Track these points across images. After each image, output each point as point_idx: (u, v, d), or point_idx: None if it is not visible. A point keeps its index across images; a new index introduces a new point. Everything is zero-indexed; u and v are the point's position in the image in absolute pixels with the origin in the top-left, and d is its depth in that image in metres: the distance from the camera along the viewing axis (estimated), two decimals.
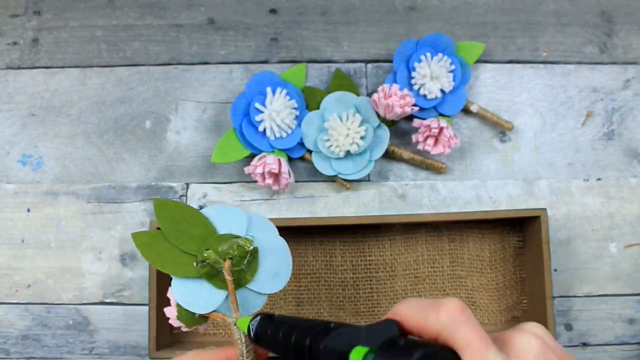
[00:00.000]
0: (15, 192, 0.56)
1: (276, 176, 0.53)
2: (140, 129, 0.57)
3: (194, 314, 0.35)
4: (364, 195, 0.56)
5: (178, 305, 0.35)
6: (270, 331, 0.31)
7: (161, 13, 0.59)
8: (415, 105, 0.54)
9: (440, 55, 0.55)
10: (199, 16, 0.59)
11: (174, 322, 0.36)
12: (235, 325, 0.34)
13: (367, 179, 0.56)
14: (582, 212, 0.56)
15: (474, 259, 0.54)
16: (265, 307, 0.54)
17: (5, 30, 0.59)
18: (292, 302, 0.54)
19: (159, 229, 0.49)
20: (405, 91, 0.52)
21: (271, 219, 0.55)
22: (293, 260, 0.54)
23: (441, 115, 0.56)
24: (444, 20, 0.59)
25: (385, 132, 0.54)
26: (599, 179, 0.56)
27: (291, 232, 0.53)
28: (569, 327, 0.54)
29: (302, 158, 0.56)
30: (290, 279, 0.54)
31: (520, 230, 0.54)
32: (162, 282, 0.50)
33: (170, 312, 0.36)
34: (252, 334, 0.32)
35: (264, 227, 0.38)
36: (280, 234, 0.54)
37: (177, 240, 0.36)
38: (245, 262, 0.35)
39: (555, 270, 0.55)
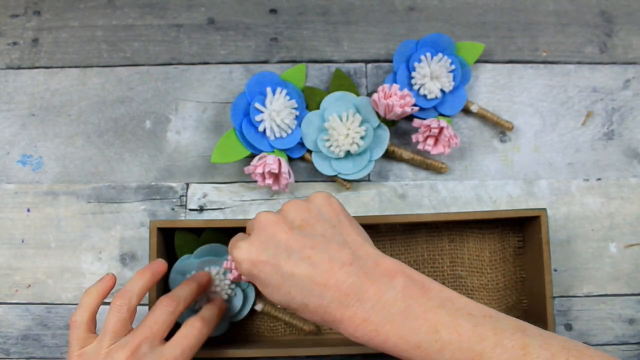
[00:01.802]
0: (15, 192, 0.56)
1: (276, 176, 0.53)
2: (140, 129, 0.57)
3: None
4: (364, 195, 0.56)
5: None
6: None
7: (161, 13, 0.59)
8: (415, 105, 0.54)
9: (440, 55, 0.55)
10: (199, 16, 0.59)
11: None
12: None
13: (367, 179, 0.56)
14: (582, 212, 0.56)
15: (474, 259, 0.54)
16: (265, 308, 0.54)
17: (5, 30, 0.59)
18: None
19: (159, 229, 0.49)
20: (405, 91, 0.52)
21: None
22: None
23: (441, 115, 0.56)
24: (444, 20, 0.59)
25: (385, 132, 0.54)
26: (599, 179, 0.56)
27: None
28: (569, 327, 0.55)
29: (302, 158, 0.56)
30: None
31: (520, 230, 0.54)
32: (162, 282, 0.50)
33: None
34: None
35: None
36: None
37: None
38: None
39: (555, 270, 0.55)
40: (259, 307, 0.52)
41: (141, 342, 0.40)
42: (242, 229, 0.52)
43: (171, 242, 0.52)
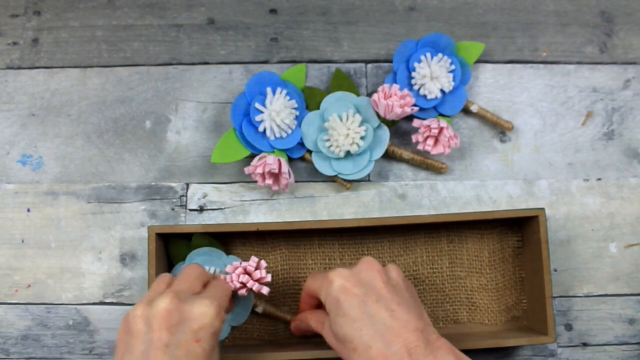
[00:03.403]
0: (15, 192, 0.56)
1: (276, 176, 0.53)
2: (140, 129, 0.57)
3: None
4: (364, 196, 0.56)
5: None
6: None
7: (161, 13, 0.59)
8: (415, 105, 0.54)
9: (440, 55, 0.55)
10: (199, 16, 0.59)
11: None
12: None
13: (367, 179, 0.56)
14: (582, 212, 0.56)
15: (473, 259, 0.54)
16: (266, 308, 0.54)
17: (5, 30, 0.59)
18: (293, 304, 0.54)
19: (157, 234, 0.49)
20: (405, 91, 0.52)
21: (271, 221, 0.55)
22: (292, 263, 0.54)
23: (441, 115, 0.56)
24: (444, 20, 0.59)
25: (385, 132, 0.54)
26: (599, 179, 0.56)
27: (289, 234, 0.53)
28: (569, 327, 0.55)
29: (302, 158, 0.56)
30: (290, 281, 0.54)
31: (519, 230, 0.54)
32: None
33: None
34: None
35: None
36: (279, 237, 0.54)
37: None
38: None
39: (555, 270, 0.55)
40: (259, 309, 0.52)
41: None
42: (241, 234, 0.52)
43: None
